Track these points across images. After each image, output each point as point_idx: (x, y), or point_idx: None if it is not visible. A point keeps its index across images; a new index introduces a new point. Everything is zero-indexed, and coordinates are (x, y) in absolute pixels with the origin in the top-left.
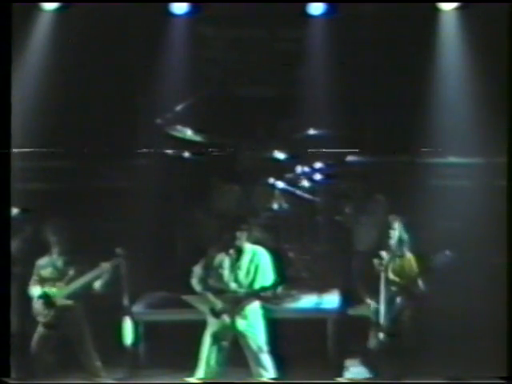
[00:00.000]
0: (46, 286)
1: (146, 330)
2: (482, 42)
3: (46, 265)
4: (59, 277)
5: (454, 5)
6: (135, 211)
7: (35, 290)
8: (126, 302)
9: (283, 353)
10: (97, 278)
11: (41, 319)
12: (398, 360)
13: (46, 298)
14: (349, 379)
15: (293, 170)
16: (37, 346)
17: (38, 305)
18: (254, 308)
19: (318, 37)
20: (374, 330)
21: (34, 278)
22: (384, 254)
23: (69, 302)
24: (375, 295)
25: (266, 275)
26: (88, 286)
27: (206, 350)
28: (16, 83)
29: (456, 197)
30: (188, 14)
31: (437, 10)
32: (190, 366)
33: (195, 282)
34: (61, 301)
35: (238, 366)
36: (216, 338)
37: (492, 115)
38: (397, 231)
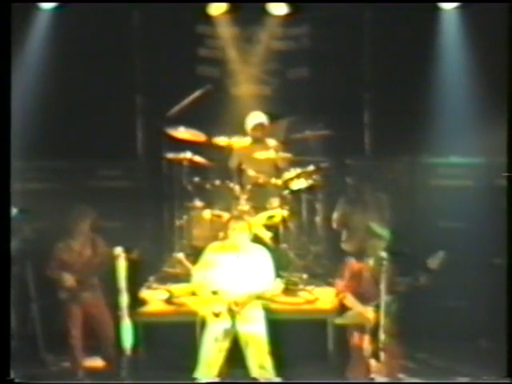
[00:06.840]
0: None
1: (145, 331)
2: (483, 41)
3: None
4: None
5: (455, 4)
6: (135, 211)
7: None
8: (124, 302)
9: (284, 353)
10: None
11: None
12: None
13: None
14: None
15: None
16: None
17: None
18: (255, 308)
19: (318, 35)
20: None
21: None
22: (384, 253)
23: None
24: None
25: (266, 275)
26: None
27: (206, 351)
28: (16, 83)
29: (456, 197)
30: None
31: (437, 9)
32: (190, 367)
33: (195, 283)
34: None
35: (238, 367)
36: (216, 339)
37: (492, 115)
38: None
